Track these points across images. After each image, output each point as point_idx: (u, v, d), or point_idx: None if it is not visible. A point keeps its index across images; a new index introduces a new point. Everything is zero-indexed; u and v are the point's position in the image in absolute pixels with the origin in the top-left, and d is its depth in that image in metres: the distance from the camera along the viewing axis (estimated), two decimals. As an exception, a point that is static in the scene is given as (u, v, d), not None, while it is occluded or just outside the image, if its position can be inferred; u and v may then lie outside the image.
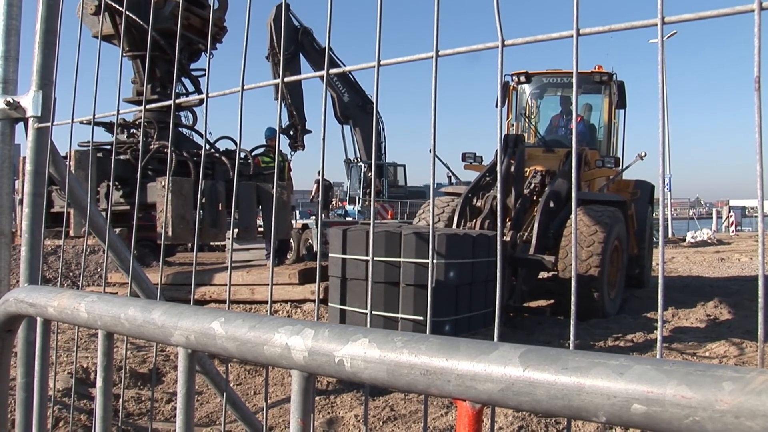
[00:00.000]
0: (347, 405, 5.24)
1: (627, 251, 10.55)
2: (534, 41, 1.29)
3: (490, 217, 9.25)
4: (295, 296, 9.91)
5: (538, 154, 11.18)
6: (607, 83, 11.89)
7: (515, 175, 9.93)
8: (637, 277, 11.85)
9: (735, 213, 41.69)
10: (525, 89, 12.59)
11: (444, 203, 10.53)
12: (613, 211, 9.69)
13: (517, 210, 9.55)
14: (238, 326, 1.25)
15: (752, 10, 1.01)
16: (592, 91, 12.22)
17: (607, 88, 12.04)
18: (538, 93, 12.77)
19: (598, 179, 11.43)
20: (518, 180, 10.00)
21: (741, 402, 0.75)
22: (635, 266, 11.67)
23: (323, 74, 1.66)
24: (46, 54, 2.52)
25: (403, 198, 29.86)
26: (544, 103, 12.89)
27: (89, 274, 12.81)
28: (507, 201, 9.65)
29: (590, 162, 11.07)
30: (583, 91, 12.21)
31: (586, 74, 11.81)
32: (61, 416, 4.51)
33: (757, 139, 1.02)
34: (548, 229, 9.35)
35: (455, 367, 0.95)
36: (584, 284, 8.71)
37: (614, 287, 9.76)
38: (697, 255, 21.44)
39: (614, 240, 9.38)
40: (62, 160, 3.00)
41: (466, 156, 11.24)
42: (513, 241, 8.72)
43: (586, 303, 8.78)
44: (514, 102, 12.59)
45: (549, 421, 4.77)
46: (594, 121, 12.54)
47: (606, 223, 9.16)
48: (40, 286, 1.97)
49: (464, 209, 9.58)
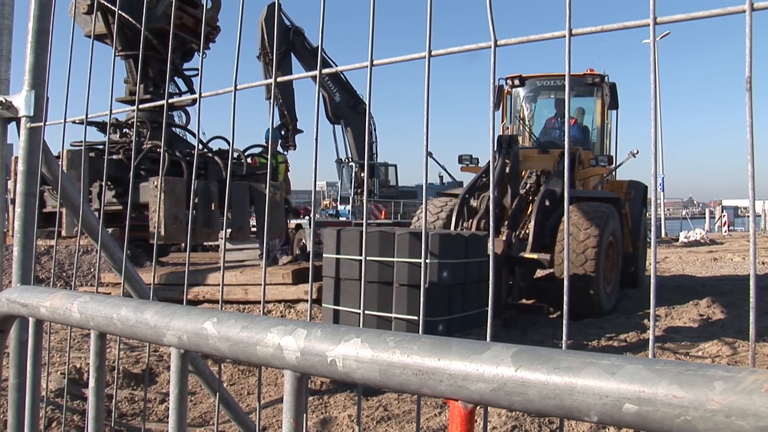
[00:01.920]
0: (341, 405, 5.24)
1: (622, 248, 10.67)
2: (527, 41, 1.29)
3: (486, 217, 9.27)
4: (289, 296, 9.90)
5: (533, 155, 11.31)
6: (600, 85, 12.09)
7: (511, 175, 10.00)
8: (632, 276, 12.04)
9: (728, 213, 41.85)
10: (519, 92, 12.76)
11: (441, 203, 10.66)
12: (607, 207, 9.83)
13: (513, 209, 9.63)
14: (230, 326, 1.25)
15: (743, 10, 1.01)
16: (584, 93, 12.40)
17: (600, 90, 12.23)
18: (532, 96, 12.91)
19: (592, 178, 11.58)
20: (514, 180, 10.08)
21: (732, 401, 0.75)
22: (630, 264, 11.81)
23: (316, 74, 1.66)
24: (38, 53, 2.51)
25: (395, 198, 29.83)
26: (539, 106, 13.04)
27: (82, 274, 12.78)
28: (503, 201, 9.82)
29: (584, 161, 11.29)
30: (576, 93, 12.35)
31: (578, 76, 12.00)
32: (54, 417, 4.50)
33: (749, 139, 1.02)
34: (544, 228, 9.41)
35: (447, 367, 0.96)
36: (580, 280, 8.77)
37: (610, 283, 9.85)
38: (690, 255, 21.50)
39: (609, 236, 9.51)
40: (55, 159, 2.99)
41: (463, 158, 11.45)
42: (509, 239, 8.79)
43: (583, 299, 8.81)
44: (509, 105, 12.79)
45: (542, 421, 4.77)
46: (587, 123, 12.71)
47: (600, 218, 9.28)
48: (33, 287, 1.97)
49: (462, 209, 9.65)
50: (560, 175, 10.17)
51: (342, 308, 7.48)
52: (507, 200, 9.82)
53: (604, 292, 9.34)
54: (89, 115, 2.33)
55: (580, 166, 11.22)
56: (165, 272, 11.48)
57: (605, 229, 9.25)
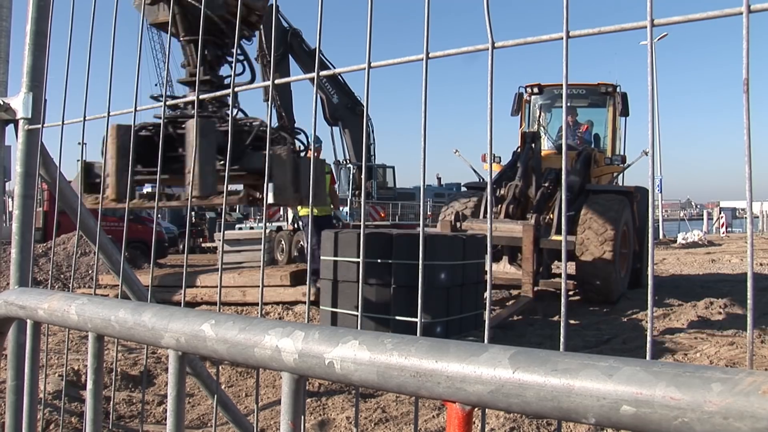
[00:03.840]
0: (339, 407, 5.23)
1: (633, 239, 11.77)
2: (524, 43, 1.30)
3: (513, 203, 10.90)
4: (287, 298, 9.91)
5: (551, 156, 12.67)
6: (612, 94, 13.36)
7: (534, 166, 11.63)
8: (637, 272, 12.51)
9: (726, 214, 41.84)
10: (537, 100, 14.03)
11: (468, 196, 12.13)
12: (621, 199, 11.14)
13: (538, 199, 10.96)
14: (228, 328, 1.24)
15: (740, 12, 1.02)
16: (598, 102, 13.76)
17: (612, 99, 13.46)
18: (549, 103, 14.12)
19: (605, 175, 13.20)
20: (537, 171, 11.56)
21: (729, 403, 0.75)
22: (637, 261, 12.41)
23: (313, 76, 1.66)
24: (36, 56, 2.51)
25: (393, 200, 29.78)
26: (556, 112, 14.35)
27: (80, 276, 12.77)
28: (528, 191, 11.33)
29: (599, 161, 12.87)
30: (591, 101, 13.83)
31: (593, 86, 13.47)
32: (51, 419, 4.49)
33: (746, 140, 1.02)
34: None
35: (445, 369, 0.96)
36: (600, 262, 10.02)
37: (624, 265, 11.13)
38: (688, 256, 21.51)
39: (623, 225, 10.69)
40: (53, 161, 2.99)
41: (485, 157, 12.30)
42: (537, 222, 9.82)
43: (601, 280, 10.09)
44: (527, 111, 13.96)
45: (540, 423, 4.77)
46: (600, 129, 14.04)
47: (616, 210, 10.56)
48: (30, 288, 1.97)
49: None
50: (576, 173, 11.66)
51: (340, 310, 7.48)
52: (531, 191, 11.31)
53: (618, 275, 10.53)
54: (87, 117, 2.33)
55: (595, 165, 12.66)
56: (163, 274, 11.49)
57: (620, 218, 10.47)
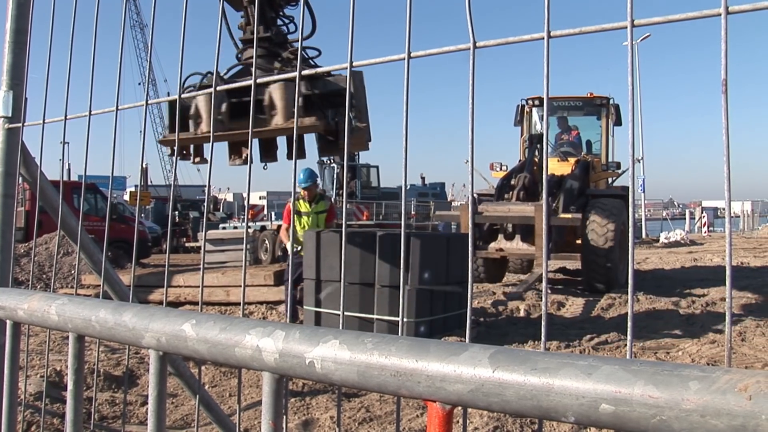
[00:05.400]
0: (323, 406, 5.23)
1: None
2: (505, 43, 1.30)
3: (522, 190, 12.44)
4: (271, 298, 9.89)
5: (552, 163, 13.91)
6: (606, 106, 14.96)
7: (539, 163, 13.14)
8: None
9: (707, 214, 42.19)
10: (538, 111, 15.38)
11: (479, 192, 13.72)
12: (619, 201, 12.67)
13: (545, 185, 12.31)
14: (209, 328, 1.24)
15: (719, 14, 1.02)
16: (593, 113, 15.41)
17: (605, 110, 15.01)
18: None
19: (602, 180, 14.91)
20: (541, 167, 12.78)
21: (707, 401, 0.75)
22: None
23: (295, 75, 1.66)
24: (16, 53, 2.49)
25: (377, 199, 29.74)
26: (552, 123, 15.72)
27: (63, 276, 12.68)
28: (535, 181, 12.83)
29: (596, 167, 14.58)
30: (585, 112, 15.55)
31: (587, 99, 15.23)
32: (33, 420, 4.46)
33: (725, 141, 1.03)
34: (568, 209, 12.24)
35: (425, 369, 0.96)
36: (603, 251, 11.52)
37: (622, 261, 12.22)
38: (670, 255, 21.64)
39: (621, 224, 11.93)
40: (33, 160, 2.97)
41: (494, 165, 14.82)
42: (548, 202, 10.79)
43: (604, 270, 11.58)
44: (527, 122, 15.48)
45: (524, 422, 4.79)
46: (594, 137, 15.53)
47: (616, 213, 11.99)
48: (10, 289, 1.95)
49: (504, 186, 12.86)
50: (576, 177, 13.26)
51: (323, 310, 7.48)
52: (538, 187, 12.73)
53: (619, 267, 11.89)
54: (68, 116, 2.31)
55: (593, 171, 14.23)
56: (146, 273, 11.43)
57: (619, 218, 11.92)
